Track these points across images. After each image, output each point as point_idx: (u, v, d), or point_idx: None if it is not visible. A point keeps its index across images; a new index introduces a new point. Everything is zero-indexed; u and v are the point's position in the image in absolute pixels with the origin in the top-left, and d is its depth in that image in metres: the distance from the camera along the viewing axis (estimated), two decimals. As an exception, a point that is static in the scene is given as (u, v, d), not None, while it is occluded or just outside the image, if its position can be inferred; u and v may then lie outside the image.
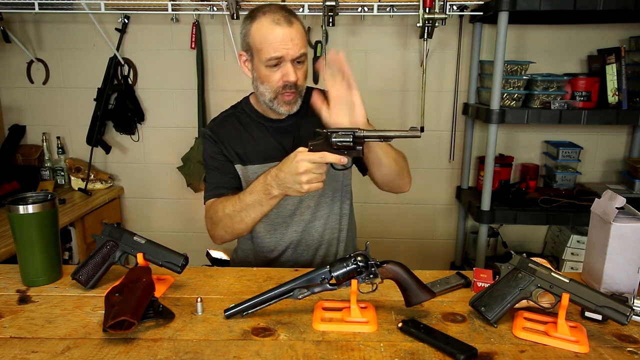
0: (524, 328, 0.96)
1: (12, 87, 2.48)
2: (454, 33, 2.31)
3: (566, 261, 2.32)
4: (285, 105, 1.31)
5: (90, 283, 1.12)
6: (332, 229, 1.46)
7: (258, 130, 1.41)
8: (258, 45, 1.25)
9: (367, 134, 1.09)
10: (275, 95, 1.30)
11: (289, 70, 1.25)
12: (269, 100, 1.31)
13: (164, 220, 2.62)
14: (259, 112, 1.42)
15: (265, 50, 1.24)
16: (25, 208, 1.10)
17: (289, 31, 1.23)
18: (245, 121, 1.42)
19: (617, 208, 1.06)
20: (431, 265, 2.58)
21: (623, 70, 2.05)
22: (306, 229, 1.43)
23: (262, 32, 1.24)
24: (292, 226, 1.42)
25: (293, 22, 1.25)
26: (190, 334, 0.95)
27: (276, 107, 1.31)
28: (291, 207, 1.41)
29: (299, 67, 1.29)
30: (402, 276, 1.00)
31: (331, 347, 0.90)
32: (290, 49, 1.23)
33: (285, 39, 1.22)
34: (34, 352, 0.88)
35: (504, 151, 2.44)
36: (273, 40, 1.22)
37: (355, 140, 1.08)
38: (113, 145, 2.51)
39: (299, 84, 1.29)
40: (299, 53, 1.25)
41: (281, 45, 1.22)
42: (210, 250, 2.35)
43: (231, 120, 1.43)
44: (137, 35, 2.38)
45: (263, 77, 1.28)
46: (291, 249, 1.44)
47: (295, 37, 1.24)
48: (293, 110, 1.32)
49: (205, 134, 1.43)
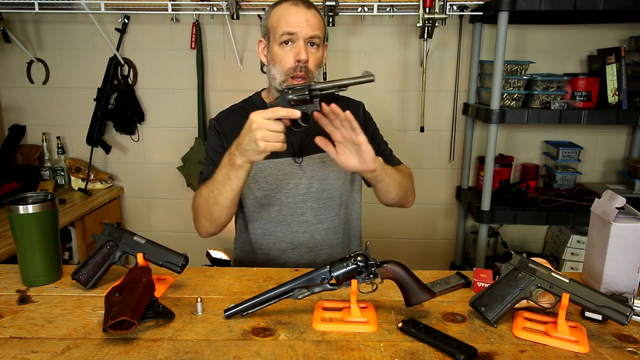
0: (524, 328, 0.96)
1: (12, 87, 2.48)
2: (454, 33, 2.31)
3: (566, 261, 2.32)
4: None
5: (90, 283, 1.12)
6: (337, 233, 1.44)
7: None
8: (274, 24, 1.28)
9: (323, 86, 1.09)
10: (285, 78, 1.29)
11: (301, 49, 1.26)
12: (279, 83, 1.30)
13: (164, 220, 2.62)
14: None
15: (279, 27, 1.27)
16: (25, 208, 1.10)
17: (305, 12, 1.27)
18: None
19: (617, 208, 1.06)
20: (431, 265, 2.58)
21: (623, 70, 2.05)
22: (308, 231, 1.41)
23: (279, 12, 1.29)
24: (294, 226, 1.41)
25: (311, 7, 1.29)
26: (190, 334, 0.95)
27: None
28: (292, 206, 1.38)
29: (312, 50, 1.29)
30: (402, 276, 1.00)
31: (331, 347, 0.90)
32: (304, 28, 1.26)
33: (300, 19, 1.26)
34: (34, 352, 0.88)
35: (504, 151, 2.44)
36: (288, 18, 1.26)
37: (312, 94, 1.08)
38: (113, 145, 2.51)
39: (311, 68, 1.29)
40: (312, 33, 1.26)
41: (295, 23, 1.25)
42: (210, 250, 2.35)
43: (239, 114, 1.42)
44: (137, 35, 2.38)
45: (275, 57, 1.29)
46: (291, 250, 1.42)
47: (310, 19, 1.27)
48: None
49: (211, 124, 1.43)
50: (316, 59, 1.31)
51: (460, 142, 2.45)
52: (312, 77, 1.31)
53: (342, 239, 1.47)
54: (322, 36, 1.32)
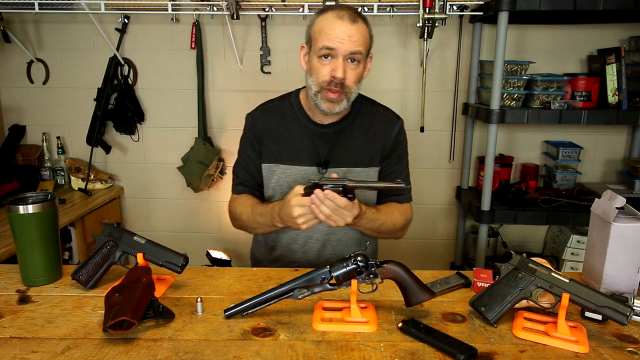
0: (524, 328, 0.96)
1: (12, 87, 2.48)
2: (454, 33, 2.31)
3: (566, 261, 2.32)
4: (327, 102, 1.27)
5: (90, 283, 1.12)
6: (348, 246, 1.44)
7: (298, 129, 1.39)
8: (316, 34, 1.25)
9: (356, 185, 1.15)
10: (319, 89, 1.27)
11: (338, 66, 1.23)
12: (314, 94, 1.29)
13: (164, 220, 2.62)
14: (305, 110, 1.40)
15: (320, 40, 1.24)
16: (25, 208, 1.10)
17: (349, 27, 1.22)
18: (290, 117, 1.41)
19: (617, 208, 1.06)
20: (431, 265, 2.58)
21: (623, 70, 2.05)
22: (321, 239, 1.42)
23: (323, 22, 1.25)
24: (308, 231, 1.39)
25: (357, 21, 1.24)
26: (190, 334, 0.95)
27: (319, 103, 1.28)
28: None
29: (352, 66, 1.25)
30: (402, 276, 1.00)
31: (331, 347, 0.90)
32: (345, 44, 1.21)
33: (342, 34, 1.22)
34: (34, 352, 0.88)
35: (504, 151, 2.44)
36: (330, 32, 1.22)
37: (346, 192, 1.15)
38: (113, 145, 2.51)
39: (347, 84, 1.26)
40: (354, 49, 1.22)
41: (337, 38, 1.22)
42: (210, 250, 2.36)
43: (275, 112, 1.41)
44: (137, 35, 2.38)
45: (313, 68, 1.28)
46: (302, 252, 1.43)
47: (354, 35, 1.22)
48: (335, 110, 1.28)
49: (247, 118, 1.44)
50: (355, 75, 1.27)
51: (460, 142, 2.45)
52: (350, 92, 1.28)
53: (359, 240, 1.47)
54: (365, 51, 1.27)
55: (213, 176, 2.43)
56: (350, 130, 1.39)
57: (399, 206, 1.43)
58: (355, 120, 1.40)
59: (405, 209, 1.45)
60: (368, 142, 1.40)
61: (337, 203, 1.13)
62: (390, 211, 1.38)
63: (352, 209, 1.17)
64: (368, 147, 1.40)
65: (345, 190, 1.14)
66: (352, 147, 1.39)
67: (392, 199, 1.43)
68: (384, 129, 1.42)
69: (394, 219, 1.38)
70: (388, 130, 1.42)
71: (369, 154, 1.40)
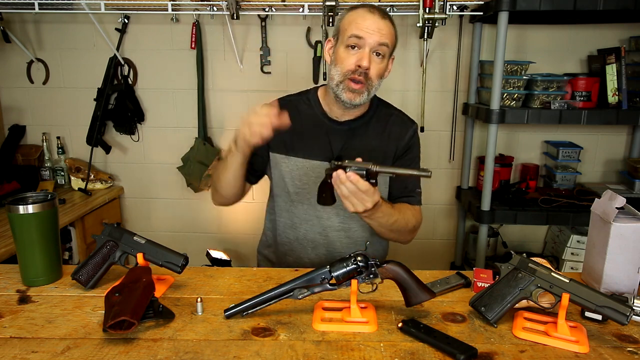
0: (524, 328, 0.96)
1: (12, 87, 2.48)
2: (454, 33, 2.31)
3: (566, 261, 2.32)
4: (349, 93, 1.28)
5: (90, 283, 1.12)
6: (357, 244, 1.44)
7: (313, 124, 1.40)
8: (346, 25, 1.28)
9: (380, 170, 1.12)
10: (343, 79, 1.28)
11: (365, 55, 1.25)
12: (336, 84, 1.29)
13: (164, 220, 2.62)
14: (322, 106, 1.41)
15: (349, 30, 1.26)
16: (25, 208, 1.10)
17: (379, 21, 1.25)
18: (306, 112, 1.41)
19: (617, 208, 1.06)
20: (431, 265, 2.58)
21: (623, 70, 2.05)
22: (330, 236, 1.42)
23: (354, 16, 1.28)
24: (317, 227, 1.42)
25: (386, 18, 1.28)
26: (190, 334, 0.95)
27: (340, 93, 1.29)
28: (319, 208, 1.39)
29: (377, 60, 1.27)
30: (402, 276, 1.00)
31: (331, 347, 0.90)
32: (374, 35, 1.24)
33: (372, 26, 1.24)
34: (34, 352, 0.88)
35: (504, 151, 2.44)
36: (360, 22, 1.25)
37: (369, 176, 1.12)
38: (113, 145, 2.51)
39: (371, 76, 1.27)
40: (381, 41, 1.25)
41: (366, 29, 1.24)
42: (210, 250, 2.36)
43: (290, 107, 1.40)
44: (137, 35, 2.38)
45: (338, 58, 1.29)
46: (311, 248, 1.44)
47: (383, 28, 1.25)
48: (355, 100, 1.29)
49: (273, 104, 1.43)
50: (379, 69, 1.29)
51: (460, 142, 2.45)
52: (372, 85, 1.30)
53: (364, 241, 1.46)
54: (391, 47, 1.29)
55: (213, 176, 2.43)
56: (365, 129, 1.40)
57: (410, 207, 1.41)
58: (371, 121, 1.41)
59: (416, 211, 1.43)
60: (382, 143, 1.40)
61: (359, 187, 1.10)
62: (403, 210, 1.36)
63: (374, 194, 1.13)
64: (381, 147, 1.40)
65: (368, 174, 1.11)
66: (366, 146, 1.39)
67: (403, 200, 1.42)
68: (399, 131, 1.42)
69: (406, 218, 1.36)
70: (402, 133, 1.43)
71: (381, 154, 1.40)
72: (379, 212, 1.22)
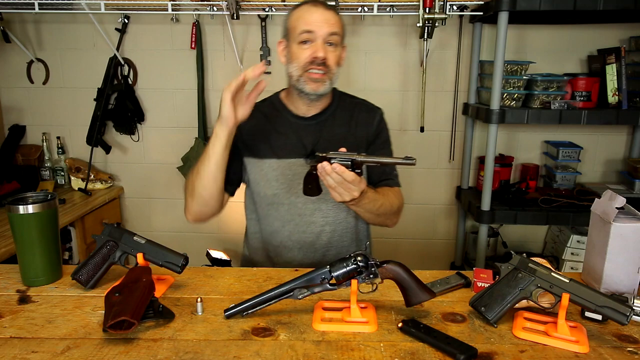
0: (524, 328, 0.96)
1: (12, 87, 2.48)
2: (454, 33, 2.31)
3: (566, 261, 2.32)
4: (312, 83, 1.31)
5: (90, 283, 1.12)
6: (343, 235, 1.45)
7: (282, 124, 1.42)
8: (294, 23, 1.31)
9: (365, 160, 1.14)
10: (302, 72, 1.30)
11: (319, 47, 1.28)
12: (296, 79, 1.32)
13: (164, 220, 2.62)
14: (287, 106, 1.43)
15: (298, 27, 1.29)
16: (25, 208, 1.10)
17: (324, 12, 1.30)
18: (272, 114, 1.43)
19: (617, 208, 1.06)
20: (431, 265, 2.58)
21: (623, 70, 2.05)
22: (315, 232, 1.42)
23: (299, 13, 1.32)
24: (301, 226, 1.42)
25: (331, 8, 1.32)
26: (190, 334, 0.95)
27: (302, 86, 1.32)
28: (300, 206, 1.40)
29: (331, 48, 1.31)
30: (402, 276, 1.00)
31: (331, 347, 0.90)
32: (323, 27, 1.28)
33: (319, 18, 1.29)
34: (34, 352, 0.88)
35: (504, 151, 2.44)
36: (307, 17, 1.29)
37: (354, 166, 1.13)
38: (113, 145, 2.51)
39: (329, 64, 1.30)
40: (331, 31, 1.28)
41: (314, 22, 1.28)
42: (210, 250, 2.35)
43: (255, 112, 1.39)
44: (137, 35, 2.38)
45: (294, 55, 1.31)
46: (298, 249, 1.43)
47: (330, 19, 1.29)
48: (319, 90, 1.32)
49: None
50: (335, 57, 1.32)
51: (460, 142, 2.45)
52: (332, 73, 1.33)
53: (349, 242, 1.47)
54: (341, 35, 1.33)
55: (213, 176, 2.43)
56: (332, 121, 1.42)
57: (391, 189, 1.44)
58: (337, 112, 1.44)
59: (397, 192, 1.46)
60: (351, 131, 1.43)
61: (345, 177, 1.11)
62: (386, 193, 1.39)
63: (360, 183, 1.15)
64: (351, 135, 1.43)
65: (353, 164, 1.13)
66: (337, 136, 1.41)
67: (383, 184, 1.44)
68: (365, 117, 1.46)
69: (390, 201, 1.38)
70: (369, 119, 1.46)
71: (353, 141, 1.42)
72: (365, 199, 1.23)
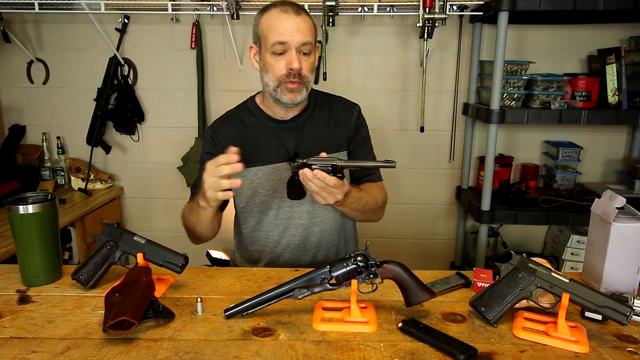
0: (524, 328, 0.96)
1: (12, 87, 2.48)
2: (454, 33, 2.31)
3: (566, 261, 2.32)
4: (289, 93, 1.30)
5: (90, 283, 1.12)
6: (332, 234, 1.45)
7: (261, 130, 1.40)
8: (265, 32, 1.28)
9: (346, 165, 1.14)
10: (278, 84, 1.30)
11: (293, 58, 1.26)
12: (273, 89, 1.31)
13: (164, 220, 2.62)
14: (264, 111, 1.42)
15: (270, 37, 1.27)
16: (25, 208, 1.10)
17: (295, 20, 1.26)
18: (249, 121, 1.42)
19: (617, 208, 1.06)
20: (431, 265, 2.58)
21: (623, 70, 2.05)
22: (304, 234, 1.42)
23: (269, 20, 1.28)
24: (290, 229, 1.41)
25: (301, 13, 1.28)
26: (190, 334, 0.95)
27: (279, 96, 1.31)
28: (288, 209, 1.40)
29: (305, 58, 1.29)
30: (402, 276, 1.00)
31: (331, 347, 0.90)
32: (296, 36, 1.25)
33: (290, 27, 1.25)
34: (34, 352, 0.88)
35: (504, 151, 2.44)
36: (279, 27, 1.26)
37: (335, 171, 1.13)
38: (113, 145, 2.51)
39: (304, 74, 1.29)
40: (304, 40, 1.26)
41: (286, 32, 1.25)
42: (210, 250, 2.35)
43: (233, 121, 1.43)
44: (137, 35, 2.38)
45: (268, 65, 1.30)
46: (288, 252, 1.43)
47: (301, 27, 1.26)
48: (297, 99, 1.32)
49: (206, 132, 1.45)
50: (309, 65, 1.31)
51: (460, 142, 2.44)
52: (307, 82, 1.32)
53: (338, 240, 1.48)
54: (314, 41, 1.31)
55: (213, 176, 2.43)
56: (311, 121, 1.42)
57: (374, 185, 1.44)
58: (315, 112, 1.43)
59: (380, 186, 1.46)
60: (331, 130, 1.43)
61: (327, 182, 1.12)
62: (369, 189, 1.39)
63: (343, 186, 1.16)
64: (332, 134, 1.42)
65: (334, 169, 1.13)
66: (317, 136, 1.41)
67: (365, 179, 1.45)
68: (344, 115, 1.45)
69: (375, 197, 1.39)
70: (347, 116, 1.46)
71: (334, 140, 1.42)
72: (349, 199, 1.24)
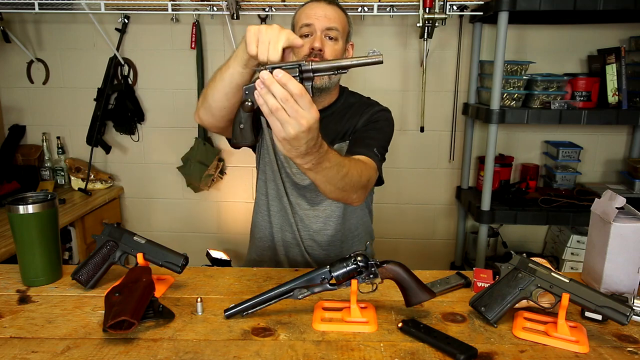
0: (524, 328, 0.96)
1: (12, 87, 2.48)
2: (454, 33, 2.31)
3: (566, 261, 2.32)
4: None
5: (90, 283, 1.12)
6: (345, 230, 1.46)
7: None
8: (297, 19, 1.36)
9: (317, 67, 0.89)
10: None
11: (316, 38, 1.30)
12: None
13: (164, 220, 2.62)
14: None
15: (300, 21, 1.34)
16: (25, 208, 1.10)
17: (325, 7, 1.33)
18: None
19: (617, 208, 1.06)
20: (431, 265, 2.58)
21: (623, 70, 2.05)
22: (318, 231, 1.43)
23: (302, 8, 1.37)
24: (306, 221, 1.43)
25: (333, 3, 1.35)
26: (190, 334, 0.95)
27: None
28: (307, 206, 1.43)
29: (330, 42, 1.32)
30: (402, 276, 1.00)
31: (331, 347, 0.90)
32: (322, 20, 1.30)
33: (318, 12, 1.32)
34: (34, 352, 0.88)
35: (504, 151, 2.44)
36: (308, 11, 1.33)
37: (303, 76, 0.88)
38: (113, 145, 2.51)
39: (326, 57, 1.30)
40: (329, 25, 1.30)
41: (314, 15, 1.31)
42: (210, 250, 2.35)
43: None
44: (137, 35, 2.38)
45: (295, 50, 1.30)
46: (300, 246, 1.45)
47: (329, 14, 1.32)
48: (316, 84, 1.30)
49: None
50: (334, 51, 1.32)
51: (460, 142, 2.44)
52: None
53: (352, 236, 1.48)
54: (342, 31, 1.34)
55: (213, 176, 2.43)
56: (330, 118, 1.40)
57: (364, 159, 1.23)
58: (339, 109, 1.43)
59: (370, 164, 1.24)
60: (345, 126, 1.41)
61: (290, 89, 0.83)
62: (355, 161, 1.18)
63: (310, 107, 0.86)
64: (340, 125, 1.41)
65: (301, 73, 0.87)
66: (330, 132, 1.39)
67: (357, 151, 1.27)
68: (359, 111, 1.41)
69: (359, 170, 1.15)
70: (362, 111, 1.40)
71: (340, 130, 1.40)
72: (325, 160, 0.98)
